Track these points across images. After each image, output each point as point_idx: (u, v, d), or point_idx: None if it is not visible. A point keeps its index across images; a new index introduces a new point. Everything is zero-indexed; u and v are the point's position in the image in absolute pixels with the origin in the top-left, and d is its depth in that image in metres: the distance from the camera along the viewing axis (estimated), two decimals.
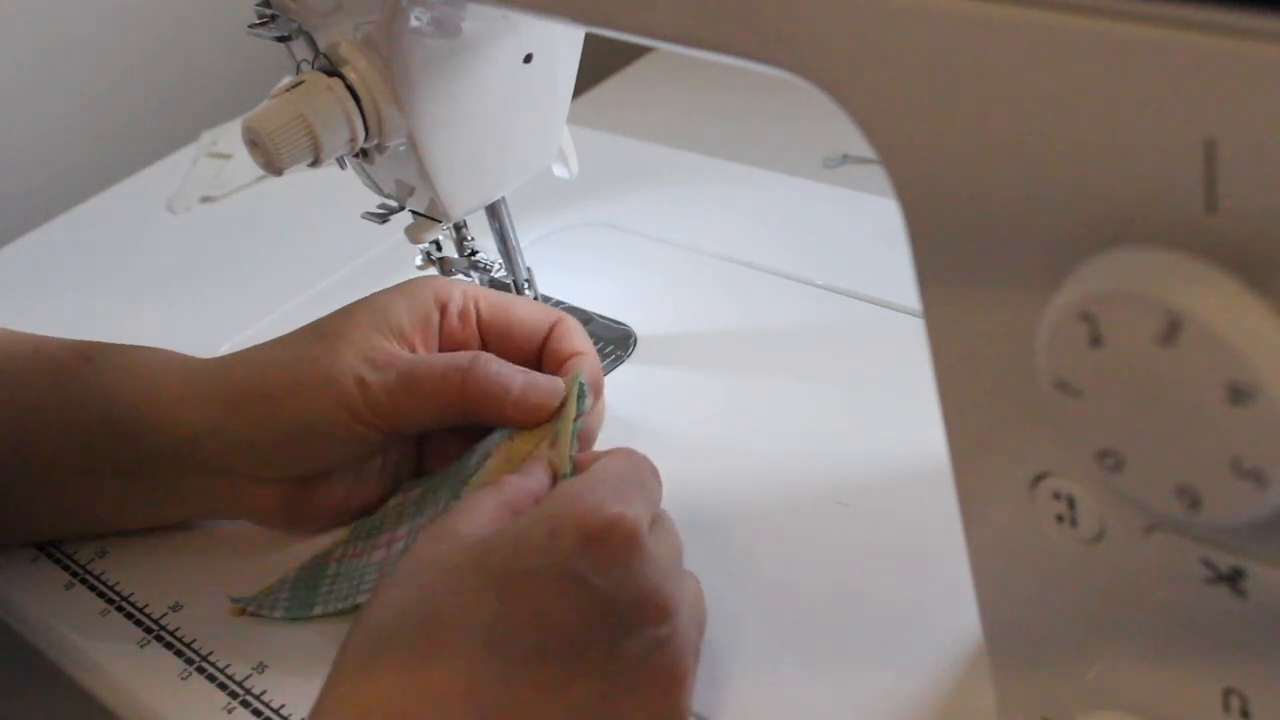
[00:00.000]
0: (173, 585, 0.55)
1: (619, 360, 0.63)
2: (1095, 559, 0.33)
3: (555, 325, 0.56)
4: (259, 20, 0.53)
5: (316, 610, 0.51)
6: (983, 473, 0.35)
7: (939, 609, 0.46)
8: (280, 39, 0.53)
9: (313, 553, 0.54)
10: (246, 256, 0.78)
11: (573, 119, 0.59)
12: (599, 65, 0.91)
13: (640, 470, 0.46)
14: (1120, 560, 0.33)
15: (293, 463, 0.52)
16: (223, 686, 0.50)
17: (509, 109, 0.55)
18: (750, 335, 0.63)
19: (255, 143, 0.51)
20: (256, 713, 0.48)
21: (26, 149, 0.97)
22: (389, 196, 0.58)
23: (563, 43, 0.55)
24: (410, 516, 0.53)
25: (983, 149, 0.29)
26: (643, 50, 0.96)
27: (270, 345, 0.54)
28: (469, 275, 0.62)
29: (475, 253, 0.61)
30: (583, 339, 0.56)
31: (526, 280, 0.62)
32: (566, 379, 0.53)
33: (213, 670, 0.50)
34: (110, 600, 0.55)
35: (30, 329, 0.59)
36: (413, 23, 0.50)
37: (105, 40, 0.99)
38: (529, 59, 0.54)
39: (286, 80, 0.52)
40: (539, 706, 0.39)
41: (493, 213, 0.59)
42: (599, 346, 0.63)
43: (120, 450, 0.53)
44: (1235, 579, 0.30)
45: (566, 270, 0.69)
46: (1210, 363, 0.26)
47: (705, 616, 0.47)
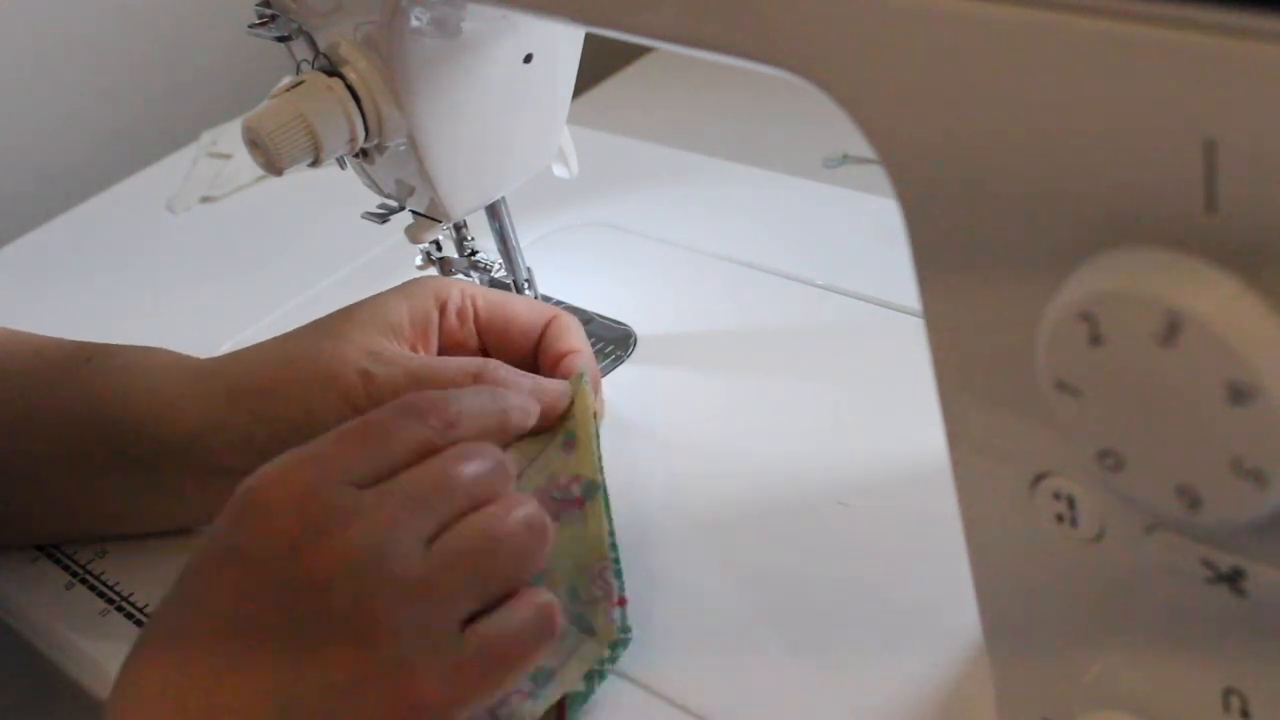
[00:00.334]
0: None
1: (619, 360, 0.63)
2: (1095, 559, 0.33)
3: (551, 323, 0.56)
4: (259, 20, 0.53)
5: None
6: (983, 473, 0.34)
7: (939, 609, 0.46)
8: (280, 39, 0.53)
9: None
10: (246, 256, 0.78)
11: (573, 119, 0.59)
12: (599, 65, 0.91)
13: (367, 423, 0.44)
14: (1120, 560, 0.33)
15: None
16: None
17: (509, 109, 0.55)
18: (750, 335, 0.63)
19: (255, 143, 0.51)
20: None
21: (26, 149, 0.97)
22: (389, 196, 0.58)
23: (563, 43, 0.55)
24: None
25: (983, 149, 0.29)
26: (643, 50, 0.96)
27: (270, 342, 0.54)
28: (469, 275, 0.62)
29: (475, 253, 0.61)
30: (578, 336, 0.56)
31: (526, 280, 0.62)
32: (570, 381, 0.53)
33: None
34: (110, 600, 0.55)
35: (30, 329, 0.59)
36: (413, 23, 0.50)
37: (105, 40, 0.99)
38: (529, 59, 0.54)
39: (286, 80, 0.52)
40: (227, 683, 0.39)
41: (493, 213, 0.59)
42: (599, 346, 0.63)
43: (121, 450, 0.53)
44: (1235, 579, 0.30)
45: (566, 270, 0.69)
46: (1210, 363, 0.26)
47: (483, 495, 0.43)
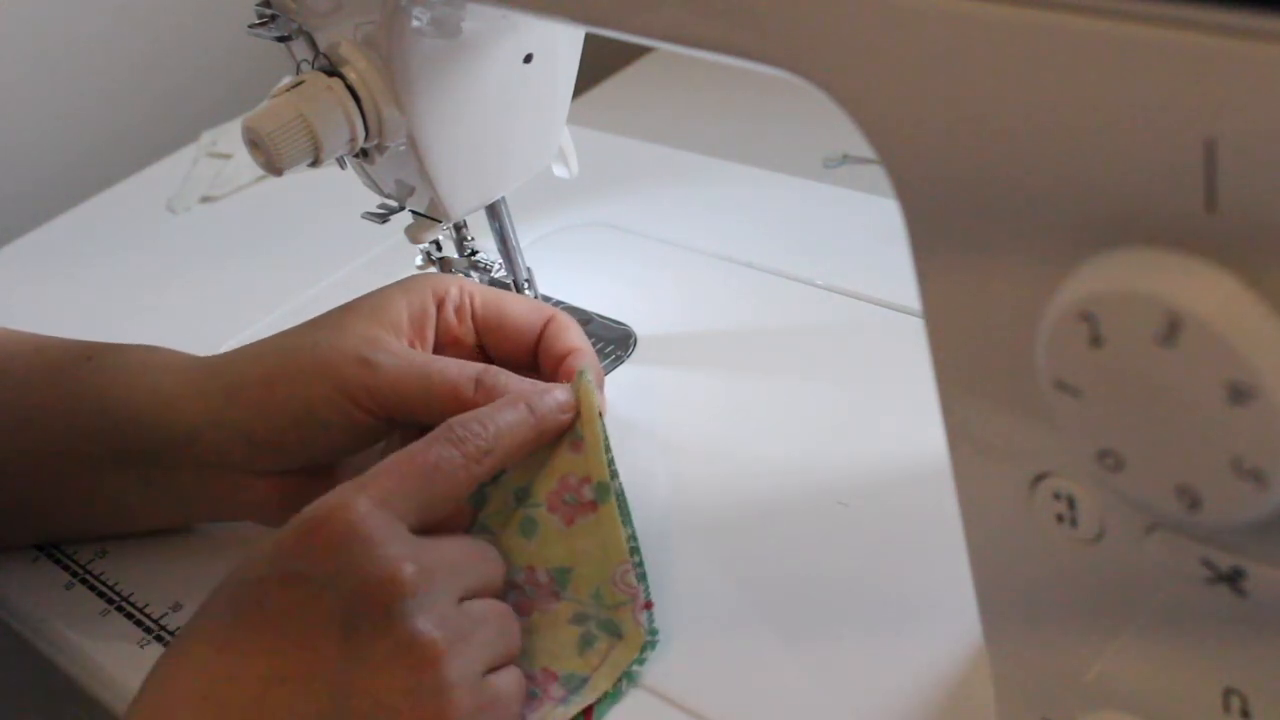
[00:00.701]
0: (173, 585, 0.55)
1: (619, 360, 0.63)
2: (1095, 559, 0.33)
3: (549, 322, 0.56)
4: (259, 20, 0.53)
5: None
6: (983, 473, 0.34)
7: (939, 609, 0.46)
8: (280, 39, 0.53)
9: None
10: (246, 256, 0.78)
11: (573, 119, 0.59)
12: (599, 65, 0.91)
13: (416, 459, 0.45)
14: (1120, 560, 0.33)
15: (291, 453, 0.52)
16: None
17: (509, 109, 0.55)
18: (750, 335, 0.63)
19: (255, 143, 0.51)
20: None
21: (26, 149, 0.97)
22: (389, 196, 0.58)
23: (563, 43, 0.55)
24: None
25: (983, 149, 0.29)
26: (643, 50, 0.96)
27: (269, 338, 0.54)
28: (469, 275, 0.62)
29: (475, 253, 0.61)
30: (578, 335, 0.56)
31: (526, 280, 0.62)
32: (573, 381, 0.53)
33: None
34: (110, 600, 0.55)
35: (30, 329, 0.59)
36: (413, 23, 0.50)
37: (105, 40, 0.99)
38: (529, 59, 0.54)
39: (286, 80, 0.52)
40: (277, 697, 0.40)
41: (493, 213, 0.59)
42: (599, 346, 0.63)
43: (121, 448, 0.53)
44: (1235, 579, 0.30)
45: (566, 270, 0.69)
46: (1210, 363, 0.26)
47: (497, 581, 0.46)
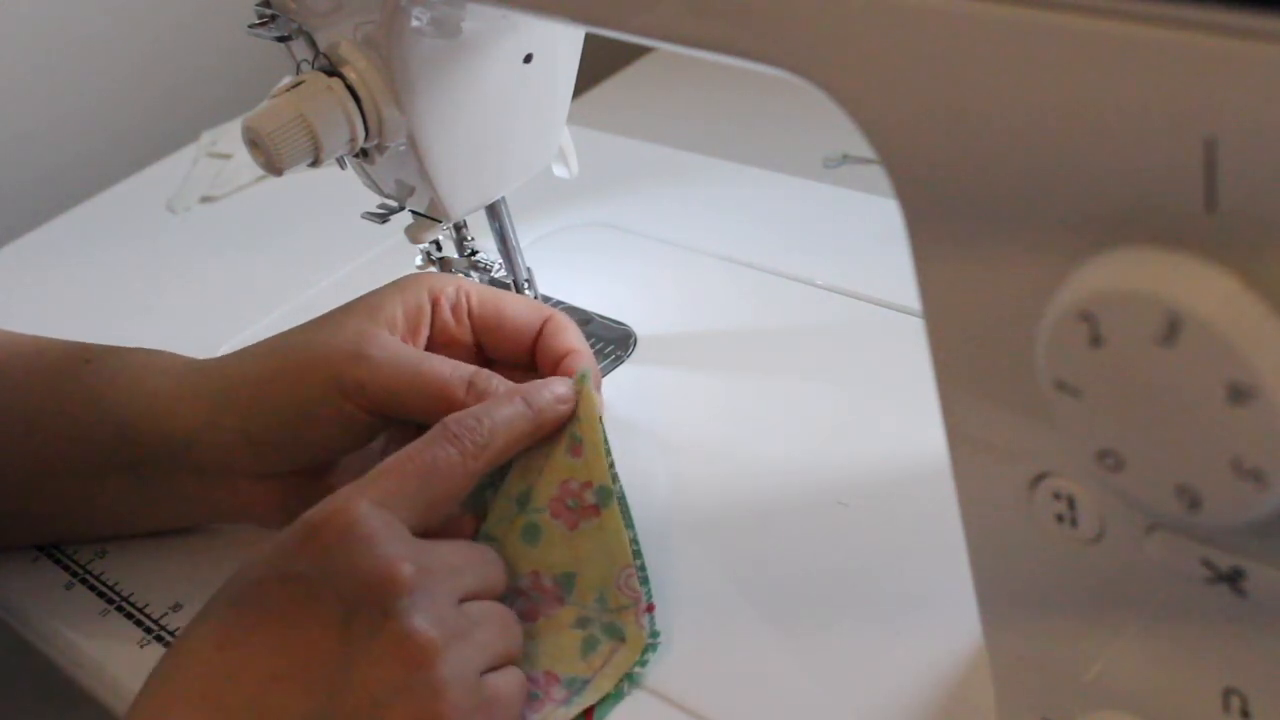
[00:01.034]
0: (173, 585, 0.55)
1: (619, 360, 0.63)
2: (1095, 559, 0.33)
3: (547, 322, 0.55)
4: (259, 20, 0.53)
5: None
6: (983, 473, 0.34)
7: (939, 609, 0.46)
8: (280, 39, 0.53)
9: None
10: (246, 257, 0.78)
11: (573, 119, 0.59)
12: (599, 65, 0.91)
13: (414, 460, 0.46)
14: (1120, 560, 0.33)
15: (289, 454, 0.52)
16: None
17: (509, 109, 0.55)
18: (750, 335, 0.63)
19: (255, 143, 0.51)
20: None
21: (26, 149, 0.97)
22: (389, 196, 0.58)
23: (563, 43, 0.55)
24: None
25: (982, 149, 0.29)
26: (643, 50, 0.96)
27: (265, 340, 0.54)
28: (469, 275, 0.62)
29: (475, 253, 0.61)
30: (576, 336, 0.56)
31: (526, 280, 0.62)
32: (571, 382, 0.53)
33: None
34: (110, 600, 0.55)
35: (30, 329, 0.59)
36: (413, 23, 0.50)
37: (105, 40, 0.99)
38: (529, 59, 0.54)
39: (286, 80, 0.52)
40: (275, 694, 0.41)
41: (493, 213, 0.59)
42: (599, 346, 0.63)
43: (120, 451, 0.53)
44: (1235, 579, 0.30)
45: (566, 270, 0.69)
46: (1210, 363, 0.26)
47: (499, 584, 0.47)
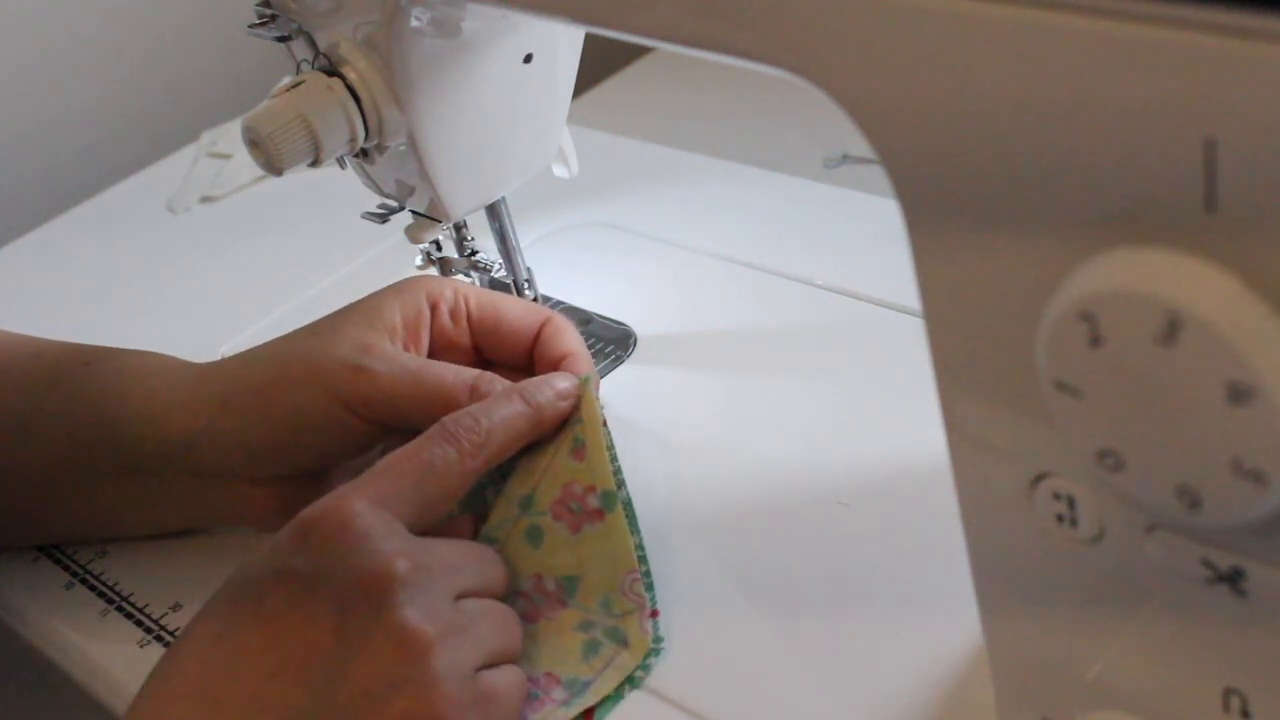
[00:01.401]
0: (173, 585, 0.55)
1: (619, 360, 0.63)
2: (1095, 559, 0.33)
3: (545, 324, 0.55)
4: (259, 20, 0.53)
5: None
6: (983, 473, 0.34)
7: (939, 609, 0.46)
8: (280, 39, 0.53)
9: None
10: (246, 256, 0.78)
11: (573, 119, 0.59)
12: (599, 65, 0.91)
13: (411, 459, 0.46)
14: (1120, 560, 0.33)
15: (287, 460, 0.52)
16: None
17: (509, 109, 0.55)
18: (750, 335, 0.63)
19: (255, 143, 0.51)
20: None
21: (26, 149, 0.97)
22: (389, 196, 0.58)
23: (563, 43, 0.55)
24: None
25: (982, 149, 0.29)
26: (643, 50, 0.96)
27: (264, 345, 0.54)
28: (469, 275, 0.62)
29: (475, 253, 0.61)
30: (574, 338, 0.56)
31: (526, 280, 0.61)
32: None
33: None
34: (110, 600, 0.55)
35: (30, 329, 0.59)
36: (413, 23, 0.50)
37: (105, 40, 0.99)
38: (529, 59, 0.54)
39: (286, 80, 0.52)
40: (272, 690, 0.41)
41: (493, 213, 0.59)
42: (599, 346, 0.63)
43: (118, 454, 0.53)
44: (1235, 579, 0.30)
45: (566, 270, 0.69)
46: (1210, 363, 0.26)
47: (498, 584, 0.47)
